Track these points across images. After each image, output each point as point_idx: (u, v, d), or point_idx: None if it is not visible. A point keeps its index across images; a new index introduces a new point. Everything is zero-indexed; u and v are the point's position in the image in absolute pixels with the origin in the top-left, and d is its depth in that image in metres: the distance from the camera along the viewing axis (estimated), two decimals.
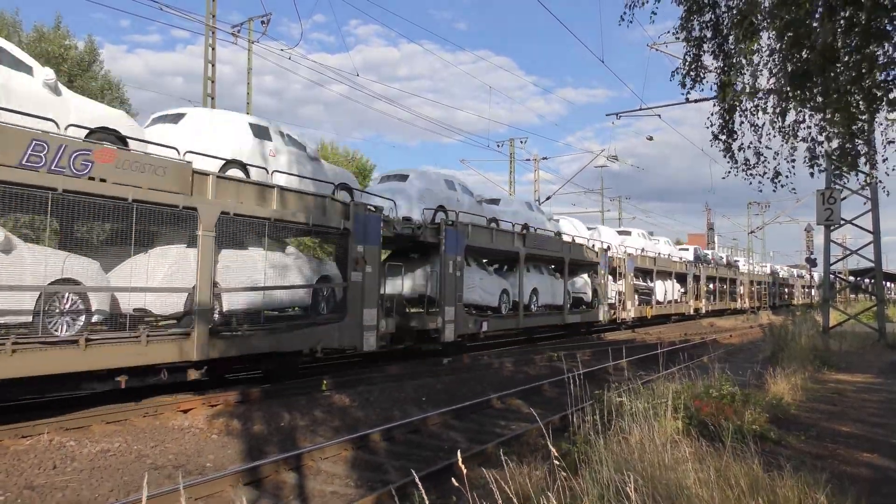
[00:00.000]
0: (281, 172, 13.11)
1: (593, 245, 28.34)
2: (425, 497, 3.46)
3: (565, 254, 24.67)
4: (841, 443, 7.34)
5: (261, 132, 13.22)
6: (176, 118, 12.16)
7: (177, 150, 10.96)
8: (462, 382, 13.83)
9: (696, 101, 9.75)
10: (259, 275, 11.93)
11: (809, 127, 8.10)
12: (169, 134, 11.50)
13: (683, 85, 8.89)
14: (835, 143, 8.38)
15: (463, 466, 3.37)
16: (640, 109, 23.93)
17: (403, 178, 18.53)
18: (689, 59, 8.62)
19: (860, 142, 8.38)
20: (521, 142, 37.83)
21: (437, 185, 19.08)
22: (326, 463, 7.86)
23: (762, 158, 8.90)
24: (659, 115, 25.00)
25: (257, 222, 11.84)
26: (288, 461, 7.60)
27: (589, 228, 31.39)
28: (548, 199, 38.59)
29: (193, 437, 9.03)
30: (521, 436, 8.82)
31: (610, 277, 29.16)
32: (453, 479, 3.66)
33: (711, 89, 9.06)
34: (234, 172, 12.18)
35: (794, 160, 8.60)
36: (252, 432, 9.37)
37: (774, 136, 8.42)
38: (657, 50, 21.72)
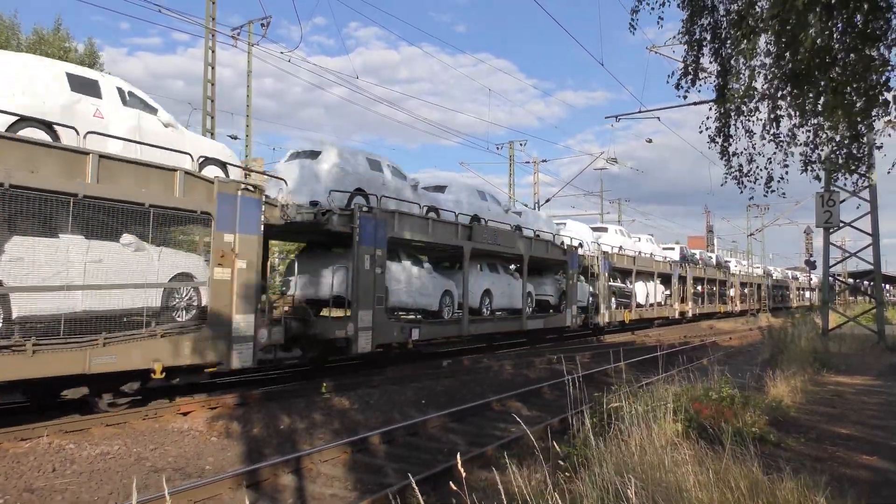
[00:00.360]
0: (97, 134, 9.90)
1: (561, 242, 24.81)
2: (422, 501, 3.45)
3: (524, 251, 21.28)
4: (840, 445, 7.34)
5: (85, 86, 10.30)
6: None
7: None
8: (462, 385, 13.84)
9: (695, 103, 9.79)
10: (75, 270, 9.20)
11: (809, 130, 8.13)
12: None
13: (678, 87, 8.92)
14: (829, 148, 8.41)
15: (462, 469, 3.37)
16: (640, 112, 23.96)
17: (314, 155, 15.58)
18: (688, 62, 8.66)
19: (856, 145, 8.40)
20: (521, 144, 37.86)
21: (356, 164, 15.93)
22: (326, 466, 7.86)
23: (755, 166, 8.96)
24: (658, 118, 25.04)
25: (58, 199, 8.85)
26: (287, 464, 7.61)
27: (557, 224, 28.00)
28: (547, 201, 38.59)
29: (193, 439, 9.03)
30: (520, 438, 8.82)
31: (582, 278, 26.41)
32: (451, 483, 3.66)
33: (710, 90, 9.08)
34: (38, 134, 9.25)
35: (787, 165, 8.64)
36: (251, 435, 9.37)
37: (768, 143, 8.44)
38: (657, 52, 21.77)
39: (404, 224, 15.78)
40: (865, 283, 40.81)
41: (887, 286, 62.77)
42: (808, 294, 75.43)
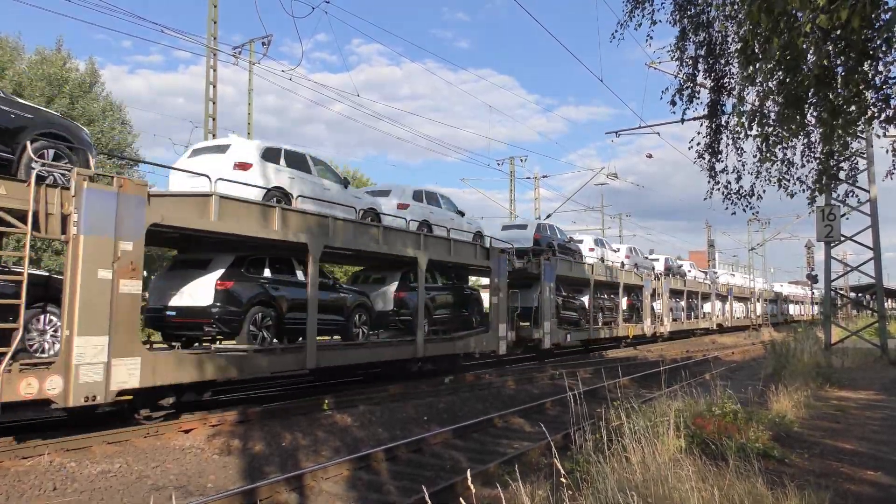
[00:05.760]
0: None
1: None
2: None
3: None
4: (844, 461, 7.30)
5: None
6: None
7: None
8: (463, 402, 13.79)
9: (692, 119, 9.86)
10: None
11: (791, 148, 8.23)
12: None
13: (673, 103, 9.01)
14: (820, 165, 8.49)
15: (472, 486, 3.37)
16: (640, 127, 24.07)
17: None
18: (683, 79, 8.76)
19: (851, 161, 8.50)
20: (521, 160, 37.94)
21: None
22: (328, 483, 7.82)
23: (739, 185, 9.10)
24: (658, 133, 25.24)
25: None
26: (289, 481, 7.57)
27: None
28: (548, 216, 38.60)
29: (195, 457, 9.00)
30: (522, 455, 8.79)
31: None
32: (462, 500, 3.65)
33: (704, 109, 9.18)
34: None
35: (768, 180, 8.77)
36: (253, 452, 9.34)
37: (757, 161, 8.54)
38: (656, 69, 21.92)
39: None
40: (867, 296, 40.75)
41: (889, 300, 62.57)
42: (802, 308, 74.70)
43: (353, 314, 14.71)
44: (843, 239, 20.24)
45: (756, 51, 6.17)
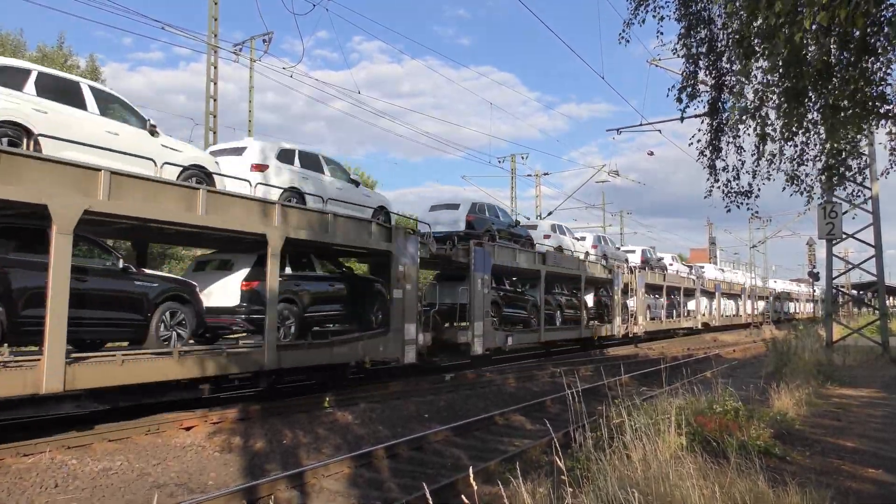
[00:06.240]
0: None
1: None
2: None
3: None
4: (846, 458, 7.30)
5: None
6: None
7: None
8: (464, 399, 13.80)
9: (692, 116, 9.84)
10: None
11: (795, 146, 8.22)
12: None
13: (679, 100, 8.99)
14: (822, 162, 8.49)
15: (473, 483, 3.37)
16: (641, 125, 24.01)
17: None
18: (686, 76, 8.75)
19: (852, 157, 8.49)
20: (522, 157, 37.88)
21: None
22: (329, 480, 7.83)
23: (738, 183, 9.13)
24: (660, 131, 25.15)
25: None
26: (290, 479, 7.58)
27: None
28: (549, 214, 38.58)
29: (195, 454, 9.01)
30: (523, 452, 8.79)
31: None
32: (463, 497, 3.64)
33: (704, 107, 9.17)
34: None
35: (768, 177, 8.79)
36: (254, 450, 9.35)
37: (757, 159, 8.53)
38: (657, 66, 21.87)
39: None
40: (869, 294, 40.66)
41: (891, 297, 62.39)
42: (802, 306, 74.15)
43: (159, 311, 10.46)
44: (844, 236, 20.24)
45: (753, 45, 6.17)
